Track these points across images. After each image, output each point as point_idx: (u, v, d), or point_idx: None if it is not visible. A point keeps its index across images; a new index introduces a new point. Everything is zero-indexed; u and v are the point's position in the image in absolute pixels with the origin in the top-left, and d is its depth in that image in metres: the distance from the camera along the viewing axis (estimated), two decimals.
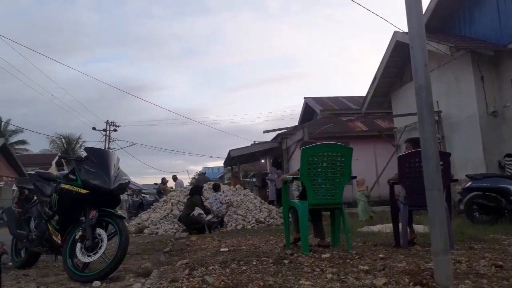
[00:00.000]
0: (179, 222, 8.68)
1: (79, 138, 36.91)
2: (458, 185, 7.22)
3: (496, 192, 6.76)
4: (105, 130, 30.82)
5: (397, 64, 12.60)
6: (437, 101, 10.12)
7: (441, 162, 3.00)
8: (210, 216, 8.30)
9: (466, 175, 7.20)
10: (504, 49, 9.06)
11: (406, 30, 10.39)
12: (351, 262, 3.53)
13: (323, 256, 3.84)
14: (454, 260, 3.28)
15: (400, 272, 3.00)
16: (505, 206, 6.58)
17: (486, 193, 6.85)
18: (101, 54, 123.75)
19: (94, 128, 30.49)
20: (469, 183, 6.99)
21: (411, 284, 2.63)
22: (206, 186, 10.73)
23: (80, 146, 35.61)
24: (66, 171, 4.18)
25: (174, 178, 16.29)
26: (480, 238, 4.77)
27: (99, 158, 3.87)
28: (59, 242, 3.88)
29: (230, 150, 18.41)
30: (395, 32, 11.53)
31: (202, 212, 8.41)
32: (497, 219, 6.51)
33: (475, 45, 9.47)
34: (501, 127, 9.20)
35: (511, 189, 6.56)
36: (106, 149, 23.18)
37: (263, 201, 10.75)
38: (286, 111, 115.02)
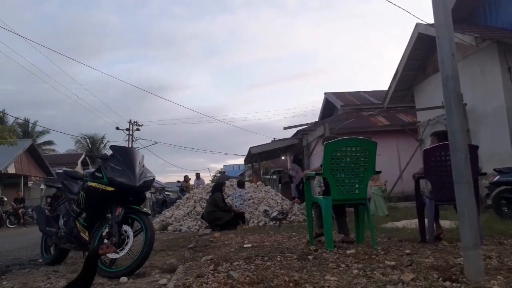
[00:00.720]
0: (202, 219, 8.76)
1: (103, 138, 37.97)
2: (485, 179, 7.03)
3: None
4: (128, 129, 31.30)
5: (420, 56, 12.33)
6: (461, 94, 9.85)
7: (469, 155, 2.91)
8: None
9: (494, 169, 7.01)
10: None
11: (428, 21, 10.20)
12: (377, 258, 3.48)
13: (348, 252, 3.81)
14: (484, 256, 3.18)
15: (428, 267, 2.94)
16: None
17: None
18: (124, 55, 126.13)
19: (117, 128, 31.05)
20: (497, 177, 6.80)
21: (440, 279, 2.56)
22: (227, 183, 10.78)
23: (104, 145, 36.49)
24: (92, 169, 4.26)
25: (197, 175, 16.44)
26: (510, 234, 4.62)
27: (124, 156, 3.92)
28: (87, 238, 3.97)
29: (250, 147, 18.45)
30: (418, 24, 11.28)
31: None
32: None
33: (501, 35, 9.16)
34: None
35: None
36: (131, 147, 23.55)
37: (284, 197, 10.73)
38: (306, 107, 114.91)
